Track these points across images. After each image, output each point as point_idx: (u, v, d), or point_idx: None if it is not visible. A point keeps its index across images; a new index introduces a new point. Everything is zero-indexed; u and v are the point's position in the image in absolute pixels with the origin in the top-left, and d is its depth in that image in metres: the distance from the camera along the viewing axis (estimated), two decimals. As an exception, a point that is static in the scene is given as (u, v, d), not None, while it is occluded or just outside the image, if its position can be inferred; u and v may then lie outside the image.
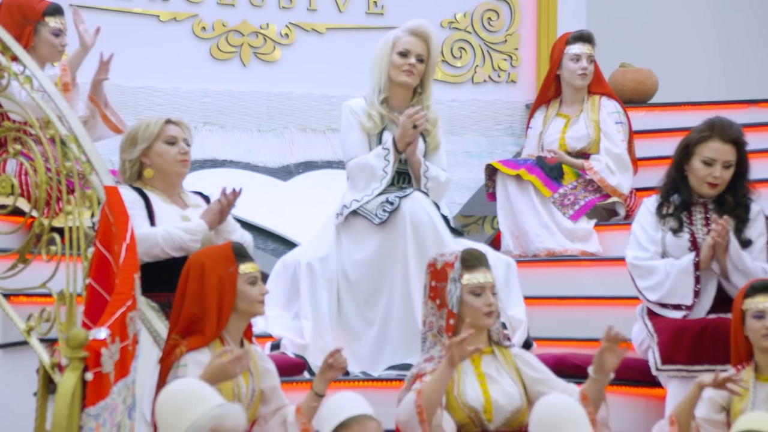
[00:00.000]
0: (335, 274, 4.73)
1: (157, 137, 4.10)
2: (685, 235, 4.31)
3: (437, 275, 3.87)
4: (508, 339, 4.47)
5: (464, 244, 4.62)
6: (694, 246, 4.31)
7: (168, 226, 4.02)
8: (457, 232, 4.79)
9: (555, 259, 5.24)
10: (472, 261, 3.84)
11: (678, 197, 4.34)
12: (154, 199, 4.12)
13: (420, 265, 4.58)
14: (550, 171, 5.36)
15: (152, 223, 4.07)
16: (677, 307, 4.28)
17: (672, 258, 4.32)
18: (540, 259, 5.26)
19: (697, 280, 4.23)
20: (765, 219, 4.36)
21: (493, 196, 5.44)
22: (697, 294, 4.23)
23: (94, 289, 3.56)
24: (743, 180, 4.34)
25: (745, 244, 4.28)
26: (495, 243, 5.45)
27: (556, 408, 3.35)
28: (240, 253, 3.72)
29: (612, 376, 3.73)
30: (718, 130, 4.30)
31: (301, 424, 3.71)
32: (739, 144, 4.32)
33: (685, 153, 4.33)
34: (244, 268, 3.70)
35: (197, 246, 3.96)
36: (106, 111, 4.95)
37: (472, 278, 3.81)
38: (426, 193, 4.72)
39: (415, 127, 4.61)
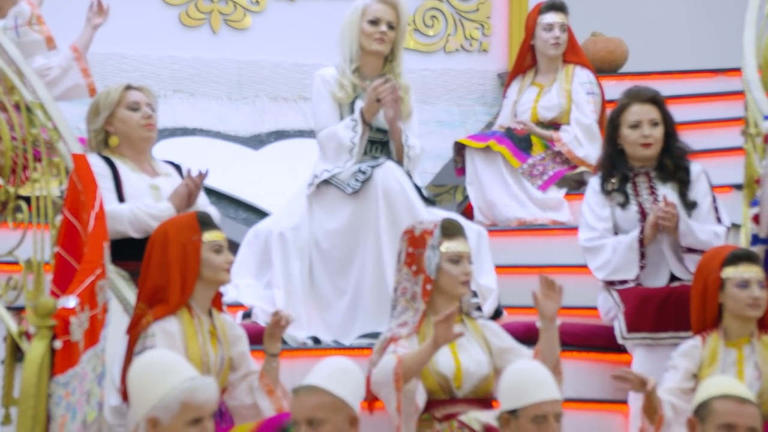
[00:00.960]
0: (307, 244, 4.73)
1: (118, 104, 4.07)
2: (633, 207, 4.39)
3: (415, 242, 3.89)
4: (479, 309, 4.52)
5: (436, 213, 4.64)
6: (643, 217, 4.39)
7: (136, 207, 3.98)
8: (429, 201, 4.80)
9: (525, 228, 5.27)
10: (451, 230, 3.88)
11: (618, 171, 4.42)
12: (123, 168, 4.09)
13: (392, 235, 4.59)
14: (519, 142, 5.39)
15: (120, 193, 4.04)
16: (623, 282, 4.37)
17: (623, 233, 4.41)
18: (511, 228, 5.29)
19: (642, 255, 4.31)
20: (707, 179, 4.43)
21: (462, 171, 5.47)
22: (642, 268, 4.31)
23: (63, 257, 3.55)
24: (675, 139, 4.43)
25: (691, 206, 4.36)
26: (466, 212, 5.47)
27: (524, 372, 3.39)
28: (205, 222, 3.71)
29: (558, 322, 3.77)
30: (634, 94, 4.44)
31: (265, 386, 3.73)
32: (657, 102, 4.43)
33: (613, 127, 4.45)
34: (209, 236, 3.69)
35: None
36: (86, 65, 4.85)
37: (451, 246, 3.84)
38: (399, 163, 4.73)
39: (378, 100, 4.60)
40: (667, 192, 4.39)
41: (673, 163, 4.40)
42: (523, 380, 3.34)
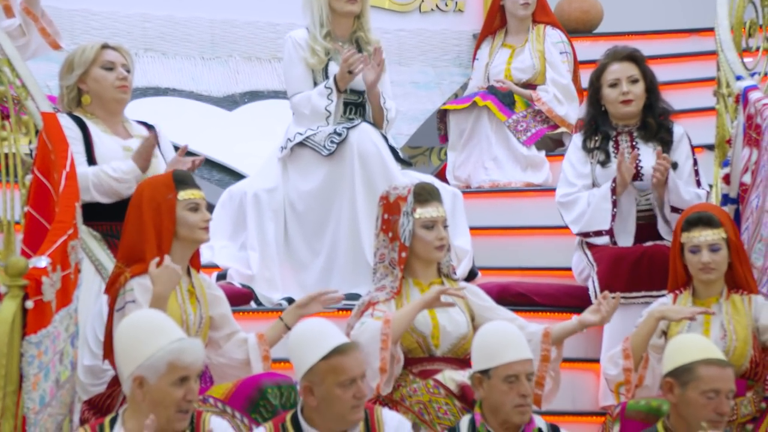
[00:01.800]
0: (282, 206, 4.73)
1: (93, 62, 4.01)
2: (613, 165, 4.43)
3: (390, 208, 3.89)
4: (453, 270, 4.54)
5: (411, 175, 4.65)
6: None
7: (100, 170, 3.93)
8: (404, 163, 4.81)
9: (500, 190, 5.29)
10: (425, 195, 3.87)
11: (600, 130, 4.45)
12: (94, 129, 4.03)
13: (367, 196, 4.61)
14: (503, 98, 5.40)
15: (91, 155, 3.99)
16: (598, 233, 4.39)
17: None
18: (485, 190, 5.31)
19: (614, 204, 4.35)
20: (689, 141, 4.46)
21: (444, 139, 5.47)
22: (614, 218, 4.34)
23: (34, 217, 3.53)
24: (657, 97, 4.47)
25: (673, 167, 4.40)
26: (441, 175, 5.48)
27: (495, 333, 3.42)
28: (181, 180, 3.69)
29: (561, 356, 3.81)
30: (612, 53, 4.49)
31: (263, 350, 3.74)
32: (636, 59, 4.48)
33: (594, 88, 4.49)
34: (184, 194, 3.66)
35: (130, 191, 3.87)
36: (43, 23, 4.81)
37: (424, 212, 3.84)
38: (374, 125, 4.72)
39: (350, 72, 4.58)
40: (649, 152, 4.41)
41: (655, 122, 4.43)
42: (495, 341, 3.38)
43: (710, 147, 4.64)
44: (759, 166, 4.25)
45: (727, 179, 4.44)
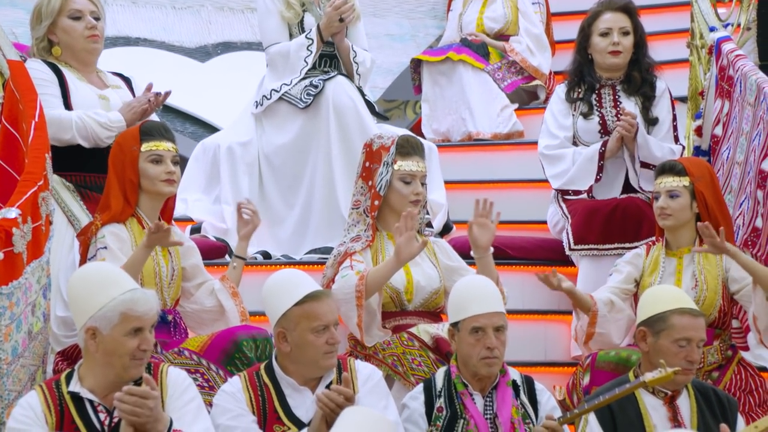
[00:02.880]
0: (256, 159, 4.72)
1: (60, 12, 3.95)
2: (595, 119, 4.43)
3: (372, 156, 3.89)
4: (429, 225, 4.55)
5: (387, 128, 4.63)
6: (604, 129, 4.44)
7: (85, 114, 3.91)
8: (380, 116, 4.80)
9: (474, 144, 5.30)
10: (407, 148, 3.86)
11: (585, 80, 4.44)
12: (70, 76, 3.99)
13: (342, 150, 4.60)
14: (477, 49, 5.40)
15: (67, 101, 3.95)
16: (577, 192, 4.43)
17: (582, 144, 4.44)
18: (460, 144, 5.33)
19: (600, 168, 4.36)
20: (671, 97, 4.48)
21: (419, 89, 5.46)
22: (597, 181, 4.36)
23: (2, 168, 3.51)
24: (644, 51, 4.46)
25: (653, 122, 4.41)
26: (417, 128, 5.48)
27: (464, 288, 3.45)
28: (147, 132, 3.67)
29: (491, 250, 3.81)
30: (607, 2, 4.47)
31: (229, 287, 3.76)
32: (629, 11, 4.46)
33: (584, 35, 4.48)
34: (147, 146, 3.65)
35: (110, 141, 3.86)
36: None
37: (404, 165, 3.83)
38: (349, 77, 4.70)
39: (341, 20, 4.55)
40: (631, 106, 4.40)
41: (640, 76, 4.43)
42: (463, 295, 3.41)
43: (683, 99, 4.66)
44: (730, 118, 4.27)
45: (699, 131, 4.47)
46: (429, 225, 4.57)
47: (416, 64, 5.43)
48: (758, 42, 4.49)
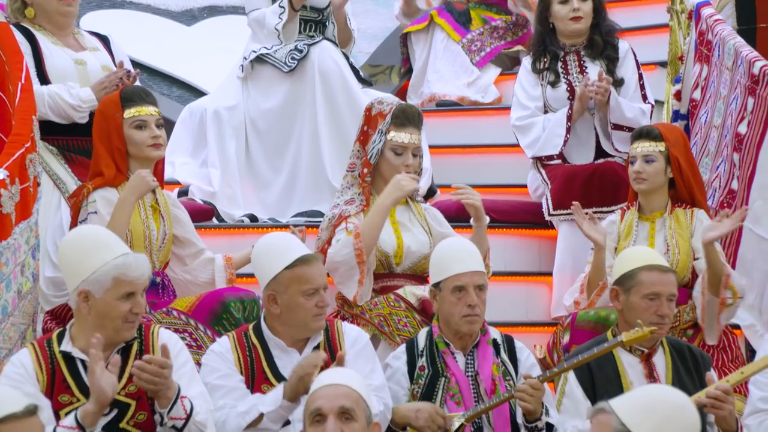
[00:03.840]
0: (242, 123, 4.74)
1: None
2: (563, 86, 4.51)
3: (369, 121, 3.89)
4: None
5: (372, 94, 4.66)
6: (572, 95, 4.51)
7: (55, 92, 3.87)
8: (365, 82, 4.82)
9: (458, 109, 5.34)
10: (402, 119, 3.85)
11: (549, 50, 4.52)
12: (44, 41, 3.95)
13: (328, 115, 4.62)
14: (459, 16, 5.42)
15: (42, 70, 3.92)
16: (549, 158, 4.50)
17: (552, 112, 4.51)
18: (444, 108, 5.36)
19: (568, 130, 4.42)
20: (635, 57, 4.54)
21: (407, 62, 5.49)
22: (565, 143, 4.43)
23: (-10, 129, 3.53)
24: (603, 15, 4.54)
25: (619, 83, 4.49)
26: (402, 93, 5.51)
27: (445, 248, 3.49)
28: (128, 98, 3.68)
29: (487, 220, 3.88)
30: None
31: (229, 274, 3.80)
32: None
33: (544, 5, 4.56)
34: (129, 112, 3.66)
35: (83, 120, 3.86)
36: None
37: (397, 136, 3.84)
38: (335, 42, 4.73)
39: None
40: (596, 70, 4.48)
41: (602, 40, 4.50)
42: (444, 255, 3.45)
43: (663, 64, 4.70)
44: (709, 82, 4.32)
45: (678, 96, 4.52)
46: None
47: (404, 38, 5.46)
48: (737, 7, 4.54)
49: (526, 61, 4.59)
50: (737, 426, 3.17)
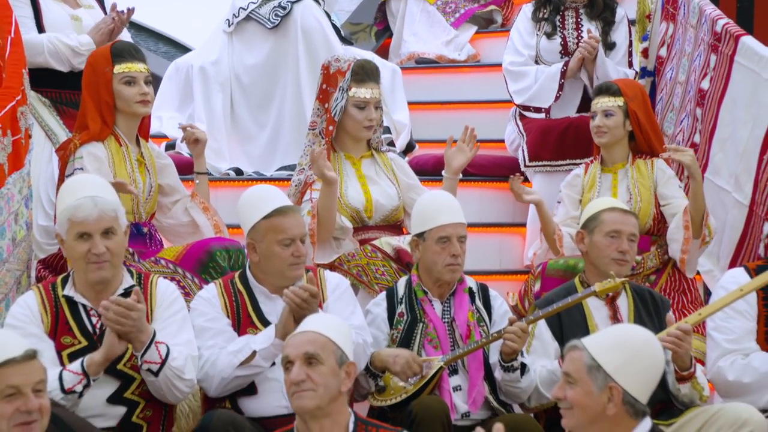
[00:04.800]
0: (228, 78, 4.80)
1: None
2: (557, 39, 4.61)
3: (328, 79, 3.94)
4: (392, 144, 4.70)
5: (353, 51, 4.75)
6: (565, 50, 4.61)
7: (55, 37, 3.96)
8: (346, 41, 4.91)
9: (437, 66, 5.43)
10: (362, 75, 3.89)
11: (552, 1, 4.61)
12: None
13: (311, 71, 4.70)
14: (435, -24, 5.51)
15: (39, 23, 4.00)
16: (538, 110, 4.60)
17: (543, 63, 4.61)
18: (423, 66, 5.45)
19: (560, 87, 4.54)
20: (629, 23, 4.66)
21: (381, 24, 5.58)
22: (557, 99, 4.54)
23: (-19, 83, 3.56)
24: None
25: (611, 46, 4.61)
26: (383, 51, 5.61)
27: (430, 200, 3.60)
28: (118, 54, 3.73)
29: (460, 175, 3.95)
30: None
31: (199, 203, 3.89)
32: None
33: None
34: (119, 68, 3.71)
35: (81, 65, 3.91)
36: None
37: (358, 92, 3.88)
38: (318, 2, 4.81)
39: None
40: (591, 29, 4.57)
41: (603, 1, 4.59)
42: (429, 207, 3.55)
43: (632, 22, 4.82)
44: (674, 40, 4.45)
45: (645, 53, 4.65)
46: (391, 144, 4.72)
47: (381, 4, 5.53)
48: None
49: (527, 8, 4.66)
50: (691, 363, 3.34)
